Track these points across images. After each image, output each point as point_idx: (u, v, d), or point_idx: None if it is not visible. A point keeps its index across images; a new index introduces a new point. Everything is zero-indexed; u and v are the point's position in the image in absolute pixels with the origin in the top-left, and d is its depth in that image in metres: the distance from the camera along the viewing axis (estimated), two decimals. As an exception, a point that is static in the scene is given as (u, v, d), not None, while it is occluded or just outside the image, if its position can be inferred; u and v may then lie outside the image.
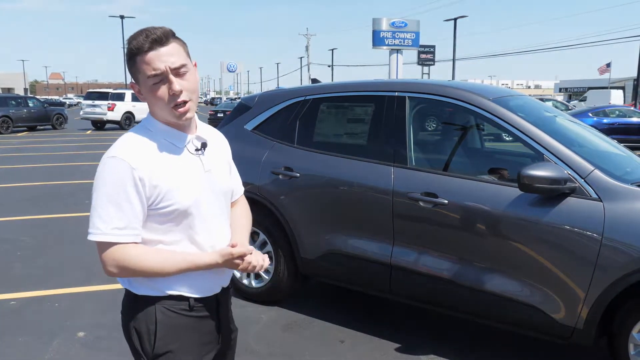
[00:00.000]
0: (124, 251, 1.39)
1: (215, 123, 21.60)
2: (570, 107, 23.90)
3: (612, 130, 15.43)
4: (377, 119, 3.49)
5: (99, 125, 24.51)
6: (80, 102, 45.07)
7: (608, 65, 46.13)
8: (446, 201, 3.01)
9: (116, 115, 23.53)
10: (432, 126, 3.95)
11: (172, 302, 1.49)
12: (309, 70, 58.43)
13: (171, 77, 1.39)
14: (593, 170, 2.72)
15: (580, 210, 2.67)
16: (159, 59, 1.38)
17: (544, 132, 2.93)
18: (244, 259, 1.50)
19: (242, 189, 1.81)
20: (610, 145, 3.52)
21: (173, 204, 1.42)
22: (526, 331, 2.96)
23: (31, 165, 11.91)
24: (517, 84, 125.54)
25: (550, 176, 2.63)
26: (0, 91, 69.89)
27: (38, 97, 41.33)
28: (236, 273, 4.05)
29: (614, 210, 2.60)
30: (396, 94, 3.43)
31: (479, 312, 3.06)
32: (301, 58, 66.51)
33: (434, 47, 38.45)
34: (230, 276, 1.66)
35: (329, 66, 61.67)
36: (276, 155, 3.80)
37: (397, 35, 23.16)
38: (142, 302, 1.49)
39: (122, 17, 41.90)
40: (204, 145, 1.53)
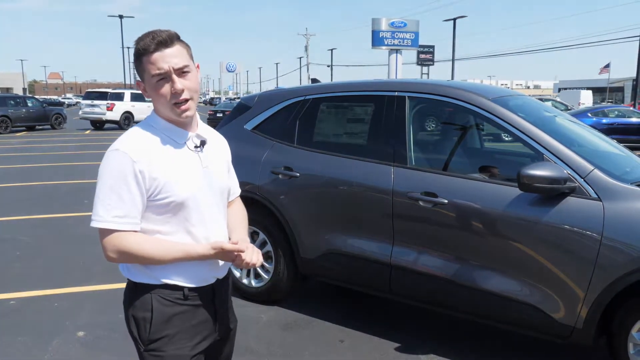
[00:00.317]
0: (123, 238, 1.48)
1: (215, 123, 21.61)
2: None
3: (611, 131, 15.45)
4: (377, 118, 3.49)
5: (98, 125, 24.50)
6: (79, 102, 45.04)
7: (607, 66, 46.23)
8: (446, 201, 3.01)
9: (115, 115, 23.51)
10: (432, 126, 3.96)
11: (167, 291, 1.56)
12: (308, 70, 58.46)
13: (174, 77, 1.49)
14: (593, 170, 2.73)
15: (579, 210, 2.67)
16: (164, 59, 1.48)
17: (544, 131, 2.93)
18: (237, 253, 1.55)
19: (238, 190, 1.90)
20: (609, 145, 3.53)
21: (170, 195, 1.51)
22: (526, 331, 2.96)
23: (30, 165, 11.90)
24: (517, 84, 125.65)
25: (550, 176, 2.64)
26: (-1, 91, 69.82)
27: (37, 96, 41.27)
28: (236, 273, 4.05)
29: (614, 210, 2.61)
30: (396, 93, 3.43)
31: (478, 312, 3.06)
32: (300, 58, 66.55)
33: (433, 47, 38.44)
34: (226, 269, 1.71)
35: (328, 66, 61.70)
36: (276, 155, 3.80)
37: (397, 35, 23.19)
38: (139, 291, 1.57)
39: (121, 17, 41.91)
40: (203, 143, 1.61)
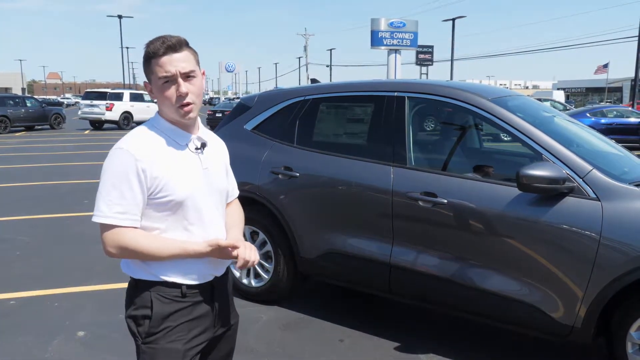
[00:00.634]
0: (122, 234, 1.53)
1: (214, 123, 21.62)
2: (568, 108, 23.93)
3: (609, 131, 15.49)
4: (376, 118, 3.50)
5: (97, 125, 24.47)
6: (78, 102, 44.97)
7: (605, 65, 46.24)
8: (445, 201, 3.02)
9: (114, 115, 23.50)
10: (431, 126, 3.97)
11: (166, 289, 1.60)
12: (307, 70, 58.45)
13: (180, 80, 1.55)
14: (591, 170, 2.74)
15: (578, 210, 2.68)
16: (171, 63, 1.54)
17: (543, 132, 2.94)
18: (234, 250, 1.59)
19: (236, 192, 1.95)
20: (608, 145, 3.54)
21: (170, 194, 1.55)
22: (525, 330, 2.97)
23: (29, 165, 11.90)
24: (515, 84, 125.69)
25: (549, 176, 2.65)
26: (-2, 91, 69.71)
27: (36, 96, 41.21)
28: (236, 273, 4.06)
29: (612, 210, 2.62)
30: (395, 94, 3.44)
31: (478, 311, 3.07)
32: (299, 58, 66.53)
33: (432, 47, 38.45)
34: (224, 266, 1.74)
35: (328, 66, 61.69)
36: (276, 154, 3.81)
37: (396, 35, 23.20)
38: (140, 289, 1.61)
39: (120, 17, 41.89)
40: (203, 145, 1.67)
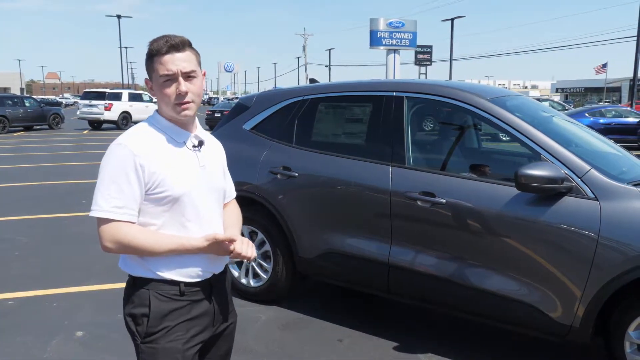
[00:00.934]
0: (119, 228, 1.54)
1: (213, 123, 21.60)
2: (567, 108, 23.94)
3: (608, 130, 15.51)
4: (375, 118, 3.50)
5: (96, 125, 24.46)
6: (76, 102, 44.91)
7: (604, 65, 46.28)
8: (444, 200, 3.02)
9: (113, 115, 23.48)
10: (430, 126, 3.97)
11: (164, 286, 1.61)
12: (306, 70, 58.42)
13: (180, 80, 1.58)
14: (589, 170, 2.74)
15: (576, 210, 2.69)
16: (173, 62, 1.57)
17: (541, 131, 2.95)
18: (230, 242, 1.60)
19: (234, 193, 1.96)
20: (606, 145, 3.54)
21: (167, 190, 1.57)
22: (523, 330, 2.98)
23: (28, 165, 11.88)
24: (514, 84, 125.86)
25: (547, 175, 2.65)
26: (-3, 91, 69.58)
27: (34, 96, 41.15)
28: (235, 272, 4.06)
29: (610, 209, 2.62)
30: (394, 94, 3.44)
31: (476, 311, 3.08)
32: (298, 58, 66.52)
33: (431, 47, 38.49)
34: (222, 263, 1.75)
35: (326, 66, 61.70)
36: (274, 154, 3.81)
37: (395, 35, 23.20)
38: (138, 287, 1.62)
39: (119, 17, 41.88)
40: (200, 143, 1.70)
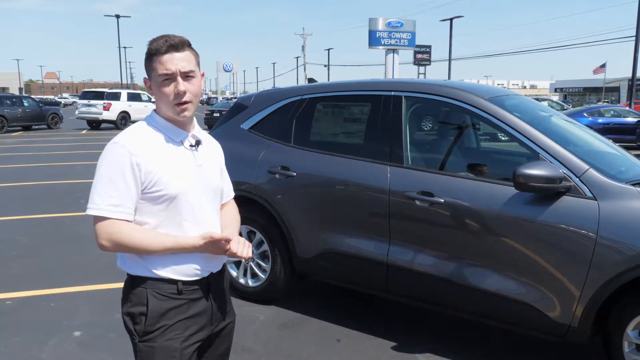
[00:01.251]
0: (115, 226, 1.55)
1: (212, 122, 21.58)
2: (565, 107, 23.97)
3: (607, 130, 15.53)
4: (373, 118, 3.50)
5: (95, 124, 24.43)
6: (75, 102, 44.86)
7: (603, 65, 46.33)
8: (442, 200, 3.02)
9: (112, 114, 23.46)
10: (428, 125, 3.97)
11: (161, 285, 1.61)
12: (305, 69, 58.40)
13: (179, 79, 1.58)
14: (588, 169, 2.74)
15: (575, 209, 2.68)
16: (172, 61, 1.57)
17: (540, 131, 2.94)
18: (226, 242, 1.60)
19: (232, 193, 1.96)
20: (604, 144, 3.54)
21: (164, 189, 1.57)
22: (522, 329, 2.97)
23: (26, 165, 11.87)
24: (513, 84, 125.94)
25: (546, 175, 2.65)
26: (-5, 91, 69.48)
27: (33, 96, 41.10)
28: (233, 272, 4.05)
29: (609, 209, 2.62)
30: (392, 93, 3.44)
31: (475, 311, 3.07)
32: (297, 58, 66.49)
33: (430, 47, 38.50)
34: (220, 262, 1.75)
35: (325, 66, 61.71)
36: (273, 154, 3.80)
37: (393, 35, 23.18)
38: (135, 285, 1.62)
39: (118, 17, 41.86)
40: (198, 143, 1.70)
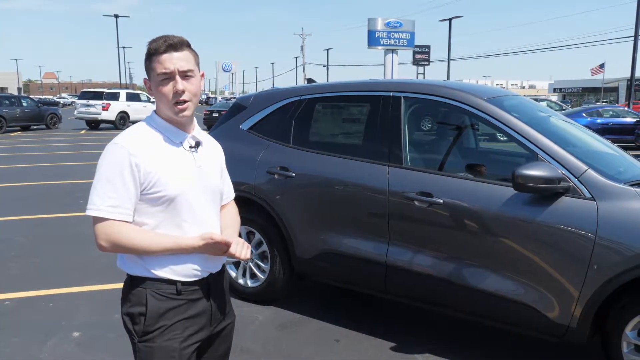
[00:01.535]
0: (114, 227, 1.55)
1: (211, 122, 21.57)
2: (564, 108, 24.00)
3: (605, 130, 15.55)
4: (372, 118, 3.50)
5: (93, 125, 24.40)
6: (74, 102, 44.82)
7: (601, 66, 46.38)
8: (441, 201, 3.02)
9: (110, 115, 23.43)
10: (427, 126, 3.97)
11: (161, 285, 1.61)
12: (304, 70, 58.40)
13: (177, 78, 1.59)
14: (587, 170, 2.74)
15: (574, 210, 2.69)
16: (171, 61, 1.58)
17: (538, 132, 2.95)
18: (226, 245, 1.60)
19: (232, 194, 1.96)
20: (603, 145, 3.55)
21: (162, 190, 1.58)
22: (521, 330, 2.98)
23: (25, 165, 11.86)
24: (512, 84, 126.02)
25: (544, 176, 2.65)
26: (-6, 91, 69.41)
27: (32, 96, 41.06)
28: (232, 273, 4.05)
29: (607, 210, 2.62)
30: (391, 94, 3.44)
31: (473, 311, 3.08)
32: (296, 58, 66.54)
33: (429, 47, 38.55)
34: (220, 263, 1.75)
35: (324, 66, 61.74)
36: (272, 154, 3.80)
37: (392, 35, 23.19)
38: (135, 285, 1.63)
39: (117, 17, 41.85)
40: (197, 144, 1.70)
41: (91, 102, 23.61)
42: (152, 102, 24.74)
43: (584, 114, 16.62)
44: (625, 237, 2.56)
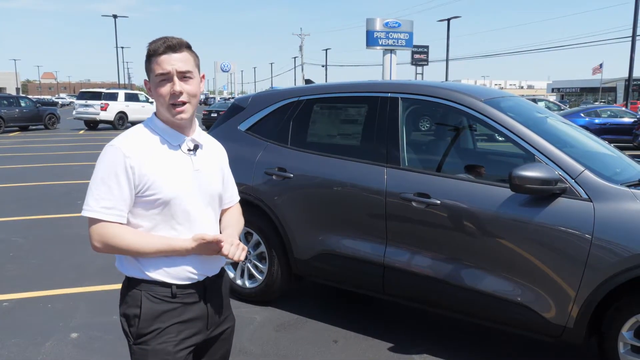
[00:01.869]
0: (108, 228, 1.56)
1: (209, 123, 21.56)
2: (563, 108, 24.04)
3: (603, 131, 15.58)
4: (370, 119, 3.51)
5: (92, 125, 24.37)
6: (72, 102, 44.79)
7: (600, 66, 46.49)
8: (439, 201, 3.03)
9: (109, 115, 23.40)
10: (425, 127, 3.98)
11: (156, 288, 1.61)
12: (302, 70, 58.40)
13: (175, 79, 1.58)
14: (583, 171, 2.75)
15: (570, 211, 2.70)
16: (169, 62, 1.58)
17: (535, 133, 2.96)
18: (217, 243, 1.58)
19: (237, 197, 1.93)
20: (600, 145, 3.56)
21: (158, 193, 1.57)
22: (518, 330, 2.98)
23: (23, 166, 11.84)
24: (510, 85, 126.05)
25: (541, 177, 2.66)
26: (-8, 91, 69.31)
27: (30, 96, 41.03)
28: (230, 273, 4.05)
29: (604, 211, 2.63)
30: (389, 95, 3.45)
31: (471, 312, 3.08)
32: (295, 58, 66.57)
33: (427, 47, 38.57)
34: (218, 266, 1.73)
35: (323, 66, 61.75)
36: (270, 155, 3.81)
37: (391, 35, 23.24)
38: (131, 287, 1.63)
39: (115, 17, 41.82)
40: (196, 147, 1.68)
41: (90, 102, 23.58)
42: (150, 103, 24.73)
43: (582, 114, 16.65)
44: (621, 238, 2.57)
